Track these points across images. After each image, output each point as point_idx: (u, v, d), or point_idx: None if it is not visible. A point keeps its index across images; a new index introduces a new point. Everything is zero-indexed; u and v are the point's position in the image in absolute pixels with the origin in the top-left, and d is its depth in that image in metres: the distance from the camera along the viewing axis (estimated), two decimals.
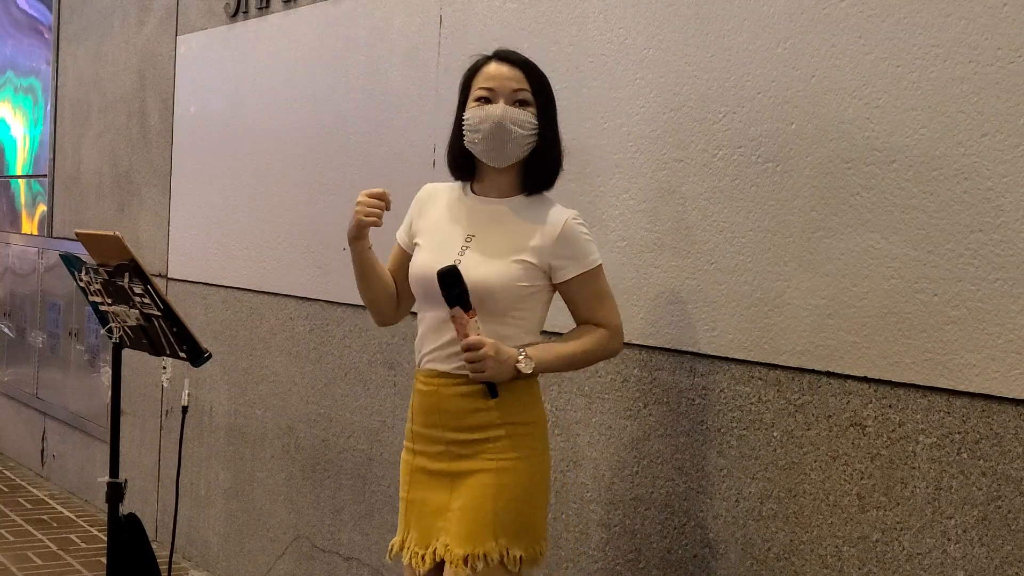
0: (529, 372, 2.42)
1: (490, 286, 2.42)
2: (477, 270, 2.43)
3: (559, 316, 2.63)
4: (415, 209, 2.64)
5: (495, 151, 2.47)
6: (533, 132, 2.47)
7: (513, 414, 2.47)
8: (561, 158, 2.54)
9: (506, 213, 2.50)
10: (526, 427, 2.49)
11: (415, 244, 2.59)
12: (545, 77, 2.53)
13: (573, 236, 2.46)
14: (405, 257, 2.64)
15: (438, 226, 2.55)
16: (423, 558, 2.49)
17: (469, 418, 2.47)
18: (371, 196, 2.50)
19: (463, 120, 2.50)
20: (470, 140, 2.48)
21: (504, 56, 2.52)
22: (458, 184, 2.60)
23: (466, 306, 2.39)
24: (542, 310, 2.52)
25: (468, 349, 2.38)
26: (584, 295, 2.50)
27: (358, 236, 2.53)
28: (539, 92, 2.49)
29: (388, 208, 2.52)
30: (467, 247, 2.48)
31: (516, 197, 2.52)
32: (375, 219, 2.50)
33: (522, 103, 2.47)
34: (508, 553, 2.42)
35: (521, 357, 2.42)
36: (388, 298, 2.68)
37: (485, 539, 2.41)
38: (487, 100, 2.47)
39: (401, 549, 2.57)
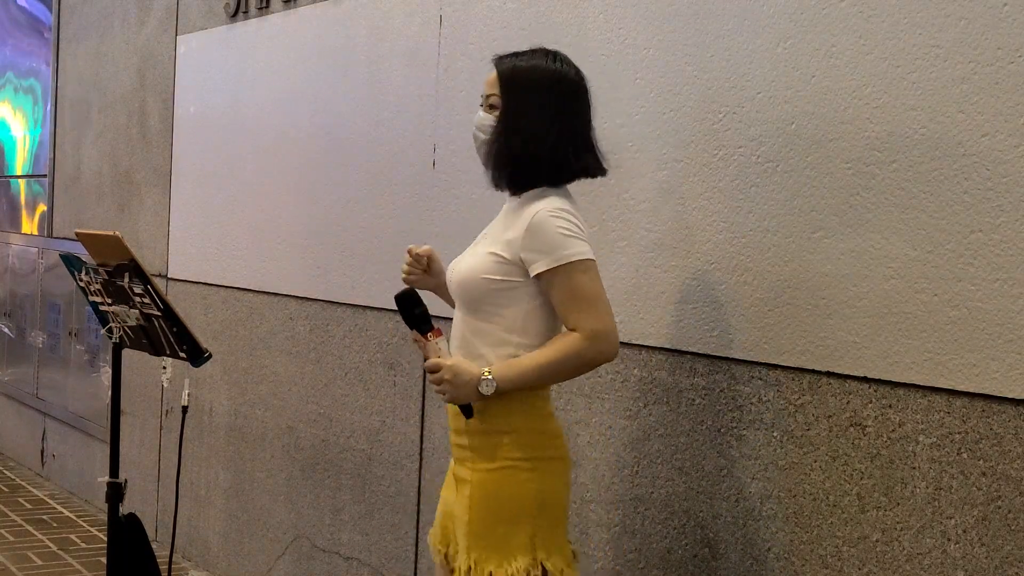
0: (490, 393, 2.32)
1: (460, 279, 2.43)
2: (459, 265, 2.46)
3: None
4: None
5: (479, 154, 2.50)
6: (491, 137, 2.43)
7: (491, 420, 2.40)
8: (546, 155, 2.40)
9: (508, 209, 2.49)
10: (505, 436, 2.39)
11: None
12: (529, 73, 2.42)
13: (541, 228, 2.33)
14: None
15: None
16: (445, 556, 2.53)
17: (456, 420, 2.46)
18: (411, 254, 2.61)
19: None
20: None
21: (496, 61, 2.49)
22: None
23: (424, 328, 2.38)
24: (524, 308, 2.39)
25: (429, 372, 2.37)
26: (556, 294, 2.35)
27: (419, 285, 2.60)
28: (508, 93, 2.42)
29: (427, 268, 2.62)
30: (474, 245, 2.52)
31: (522, 194, 2.47)
32: (414, 279, 2.59)
33: (491, 107, 2.45)
34: (476, 567, 2.36)
35: (485, 377, 2.33)
36: None
37: (466, 551, 2.40)
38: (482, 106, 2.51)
39: (432, 542, 2.60)
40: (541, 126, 2.41)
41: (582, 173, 2.47)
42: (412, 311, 2.38)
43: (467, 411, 2.39)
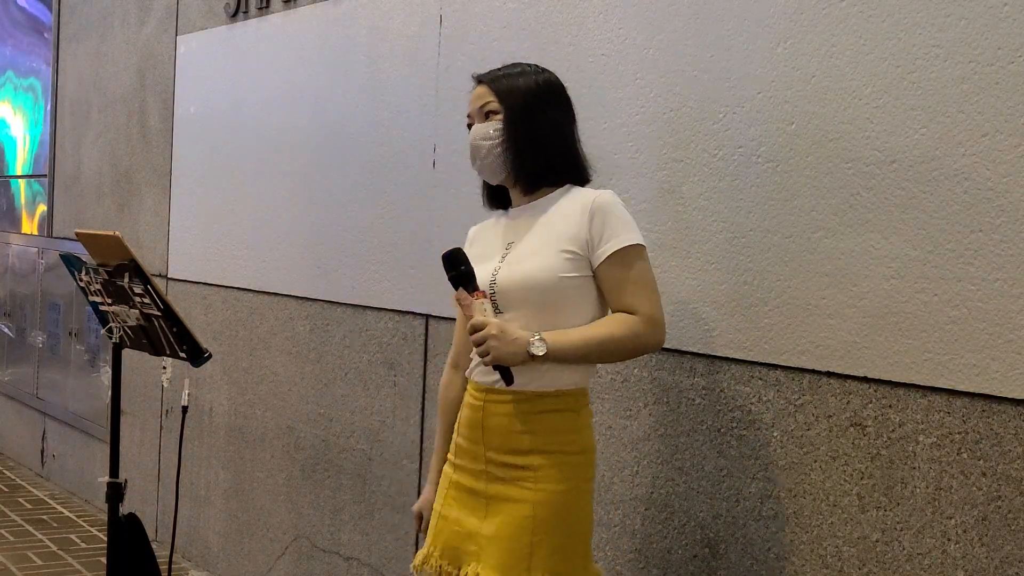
0: (542, 354, 2.26)
1: (533, 280, 2.33)
2: (516, 268, 2.36)
3: None
4: (467, 243, 2.55)
5: (482, 170, 2.46)
6: (500, 138, 2.40)
7: (558, 442, 2.36)
8: (559, 148, 2.42)
9: (536, 210, 2.42)
10: (572, 456, 2.36)
11: None
12: (522, 81, 2.43)
13: (605, 211, 2.33)
14: None
15: (482, 247, 2.49)
16: None
17: (511, 440, 2.36)
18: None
19: None
20: (474, 167, 2.49)
21: (480, 77, 2.48)
22: (497, 213, 2.54)
23: (469, 287, 2.29)
24: (594, 306, 2.37)
25: (472, 331, 2.27)
26: (616, 275, 2.32)
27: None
28: (507, 97, 2.41)
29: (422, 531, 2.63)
30: (507, 253, 2.41)
31: (543, 196, 2.43)
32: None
33: (488, 114, 2.42)
34: None
35: (534, 339, 2.26)
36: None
37: (519, 573, 2.31)
38: (470, 126, 2.47)
39: (424, 563, 2.49)
40: (549, 119, 2.42)
41: (583, 177, 2.47)
42: (459, 268, 2.30)
43: (508, 376, 2.28)
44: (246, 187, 4.52)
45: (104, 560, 4.31)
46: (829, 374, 2.41)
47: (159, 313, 3.12)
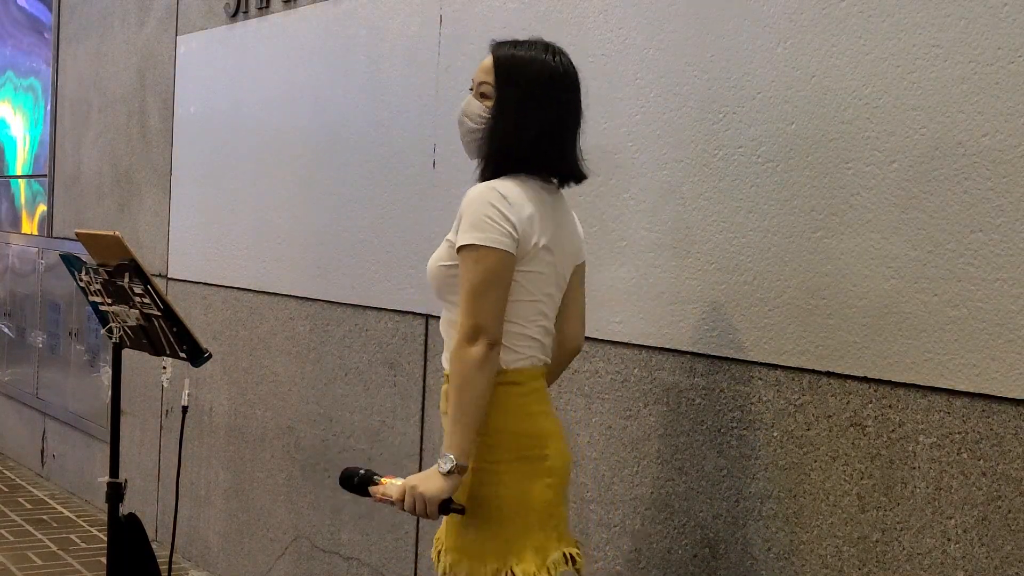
0: (449, 467, 2.19)
1: (428, 269, 2.39)
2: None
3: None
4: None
5: (463, 140, 2.44)
6: (480, 127, 2.35)
7: None
8: (529, 151, 2.33)
9: None
10: (481, 437, 2.27)
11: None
12: (526, 66, 2.34)
13: (464, 205, 2.26)
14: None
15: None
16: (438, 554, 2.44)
17: (443, 420, 2.38)
18: None
19: None
20: None
21: (494, 46, 2.40)
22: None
23: (373, 483, 2.33)
24: None
25: (404, 508, 2.25)
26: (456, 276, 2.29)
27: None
28: (503, 84, 2.34)
29: None
30: None
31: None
32: None
33: (483, 95, 2.37)
34: (450, 569, 2.31)
35: (438, 469, 2.20)
36: None
37: (445, 552, 2.35)
38: (472, 90, 2.43)
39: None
40: (529, 121, 2.33)
41: (571, 177, 2.41)
42: (355, 481, 2.34)
43: (459, 509, 2.25)
44: (246, 187, 4.52)
45: (104, 560, 4.31)
46: (829, 374, 2.41)
47: (159, 313, 3.12)
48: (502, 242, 2.23)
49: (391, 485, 2.29)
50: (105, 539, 3.63)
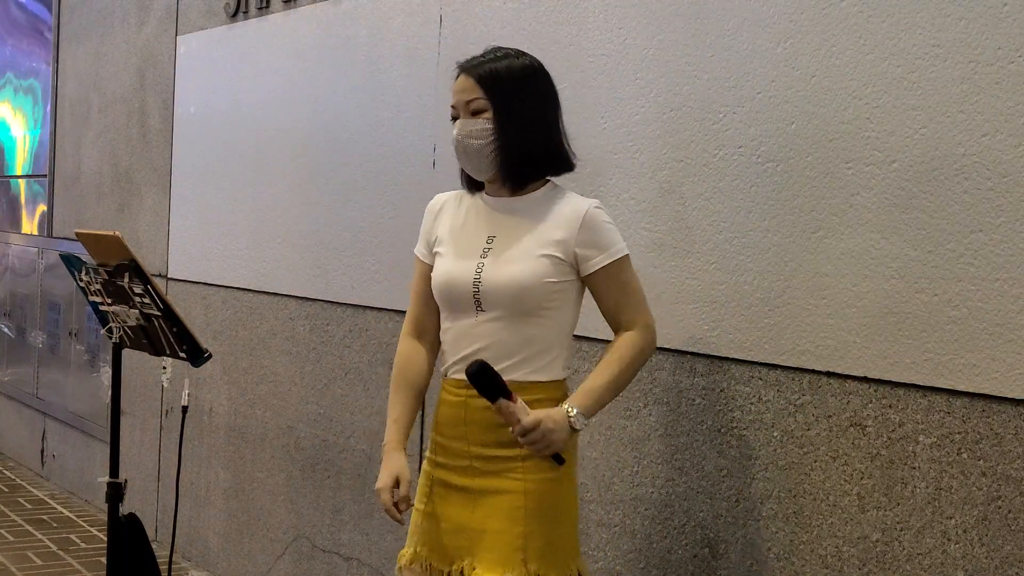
0: (582, 427, 2.33)
1: (520, 285, 2.35)
2: (504, 270, 2.37)
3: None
4: (429, 221, 2.58)
5: (470, 167, 2.44)
6: (490, 139, 2.37)
7: None
8: (545, 145, 2.42)
9: (522, 210, 2.42)
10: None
11: (436, 253, 2.52)
12: (508, 72, 2.39)
13: (596, 224, 2.38)
14: (430, 271, 2.55)
15: (456, 231, 2.48)
16: (447, 575, 2.43)
17: (497, 433, 2.36)
18: (390, 504, 2.48)
19: None
20: (458, 159, 2.47)
21: (463, 67, 2.43)
22: (465, 191, 2.54)
23: (507, 394, 2.29)
24: (573, 308, 2.43)
25: (524, 434, 2.28)
26: (610, 287, 2.39)
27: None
28: (495, 93, 2.38)
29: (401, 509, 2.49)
30: (489, 248, 2.41)
31: (530, 193, 2.43)
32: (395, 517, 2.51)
33: (476, 112, 2.38)
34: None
35: (572, 414, 2.31)
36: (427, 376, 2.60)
37: (515, 564, 2.32)
38: (455, 118, 2.43)
39: (413, 561, 2.48)
40: (538, 116, 2.42)
41: (567, 167, 2.47)
42: (492, 381, 2.28)
43: (559, 459, 2.34)
44: (246, 187, 4.52)
45: (104, 560, 4.31)
46: (829, 374, 2.41)
47: (159, 313, 3.12)
48: None
49: (522, 409, 2.29)
50: (105, 539, 3.63)
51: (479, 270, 2.39)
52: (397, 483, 2.48)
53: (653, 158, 2.80)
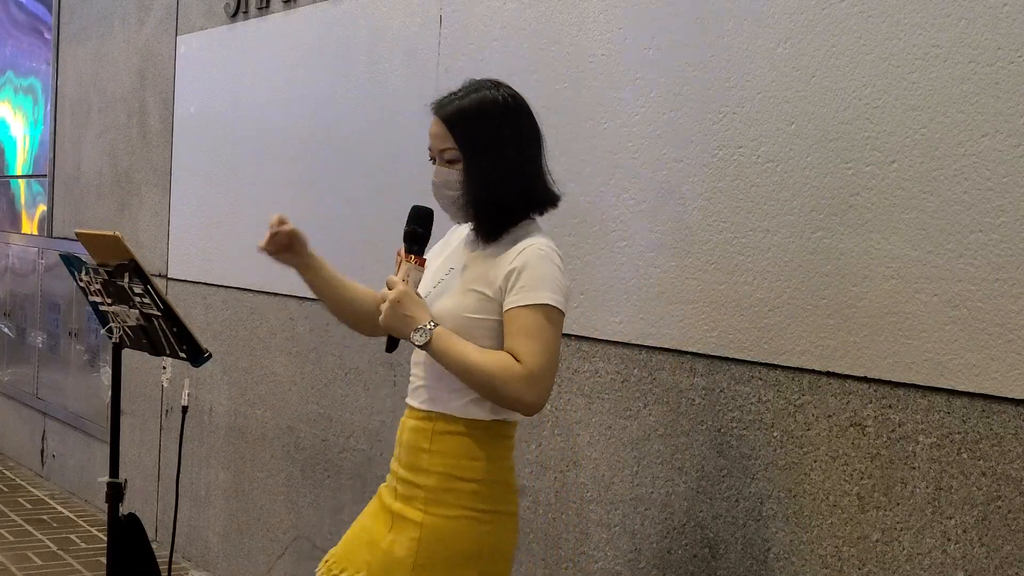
0: (420, 344, 2.24)
1: (443, 316, 2.28)
2: (436, 300, 2.34)
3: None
4: (444, 238, 2.54)
5: (447, 211, 2.39)
6: (459, 190, 2.31)
7: (451, 465, 2.30)
8: (521, 190, 2.33)
9: (488, 247, 2.35)
10: (464, 483, 2.29)
11: None
12: (479, 114, 2.30)
13: (531, 265, 2.25)
14: None
15: (435, 256, 2.47)
16: None
17: (414, 456, 2.34)
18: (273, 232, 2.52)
19: None
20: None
21: (436, 109, 2.34)
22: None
23: (413, 248, 2.30)
24: (494, 346, 2.29)
25: (387, 287, 2.29)
26: (518, 326, 2.23)
27: (283, 260, 2.52)
28: (467, 143, 2.29)
29: (289, 247, 2.55)
30: (443, 279, 2.39)
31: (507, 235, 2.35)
32: (270, 248, 2.53)
33: (450, 162, 2.31)
34: None
35: (424, 326, 2.24)
36: (356, 312, 2.56)
37: None
38: (432, 160, 2.37)
39: (325, 561, 2.46)
40: (511, 163, 2.31)
41: (549, 203, 2.39)
42: (415, 227, 2.30)
43: (390, 345, 2.34)
44: (246, 187, 4.52)
45: (104, 560, 4.31)
46: (829, 374, 2.41)
47: (159, 313, 3.12)
48: (565, 305, 2.29)
49: (406, 273, 2.29)
50: (105, 539, 3.63)
51: (426, 299, 2.35)
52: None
53: (653, 158, 2.80)
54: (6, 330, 6.99)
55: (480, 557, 2.31)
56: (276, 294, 4.33)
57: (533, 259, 2.26)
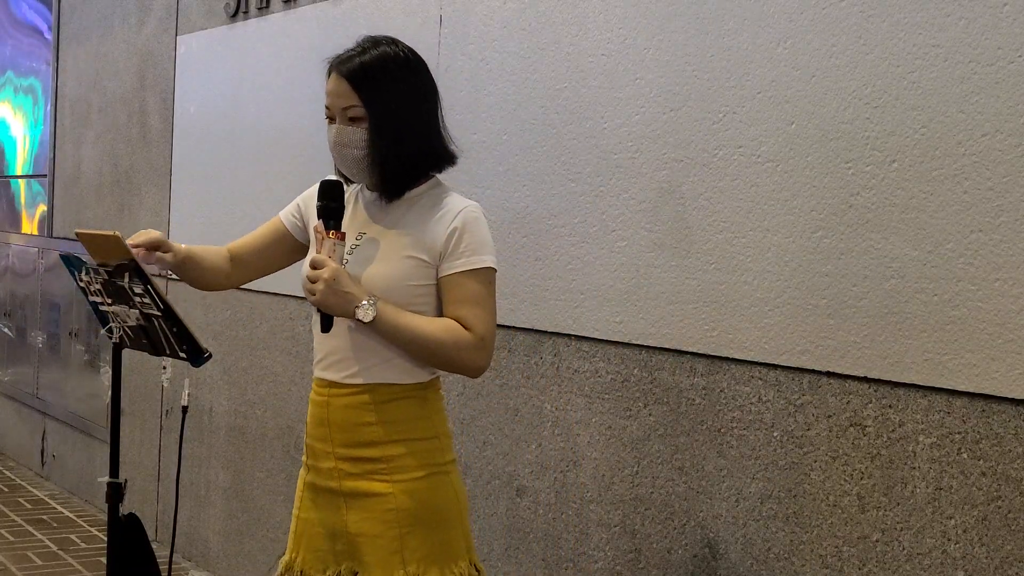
0: (367, 320, 2.20)
1: (382, 286, 2.26)
2: (368, 269, 2.28)
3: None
4: (308, 196, 2.49)
5: (348, 171, 2.34)
6: (366, 150, 2.28)
7: (408, 428, 2.31)
8: (425, 147, 2.32)
9: (399, 208, 2.33)
10: (425, 442, 2.32)
11: (305, 237, 2.46)
12: (382, 69, 2.29)
13: (468, 230, 2.27)
14: (280, 233, 2.57)
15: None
16: None
17: (359, 432, 2.30)
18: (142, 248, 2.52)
19: None
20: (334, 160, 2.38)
21: (337, 66, 2.33)
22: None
23: (330, 224, 2.27)
24: (436, 312, 2.31)
25: (311, 267, 2.23)
26: (459, 293, 2.25)
27: (164, 266, 2.52)
28: (372, 99, 2.27)
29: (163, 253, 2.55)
30: (357, 245, 2.33)
31: (410, 192, 2.34)
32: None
33: (353, 120, 2.28)
34: None
35: (366, 303, 2.21)
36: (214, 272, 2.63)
37: (394, 567, 2.26)
38: (330, 119, 2.34)
39: (287, 571, 2.42)
40: (416, 118, 2.31)
41: (449, 161, 2.38)
42: (330, 201, 2.28)
43: (326, 323, 2.27)
44: (246, 187, 4.52)
45: (104, 560, 4.31)
46: (829, 374, 2.41)
47: (159, 313, 3.12)
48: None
49: (331, 248, 2.25)
50: (105, 539, 3.63)
51: (343, 264, 2.29)
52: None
53: (653, 158, 2.80)
54: (6, 330, 6.99)
55: (456, 507, 2.35)
56: (276, 294, 4.33)
57: (471, 222, 2.29)
